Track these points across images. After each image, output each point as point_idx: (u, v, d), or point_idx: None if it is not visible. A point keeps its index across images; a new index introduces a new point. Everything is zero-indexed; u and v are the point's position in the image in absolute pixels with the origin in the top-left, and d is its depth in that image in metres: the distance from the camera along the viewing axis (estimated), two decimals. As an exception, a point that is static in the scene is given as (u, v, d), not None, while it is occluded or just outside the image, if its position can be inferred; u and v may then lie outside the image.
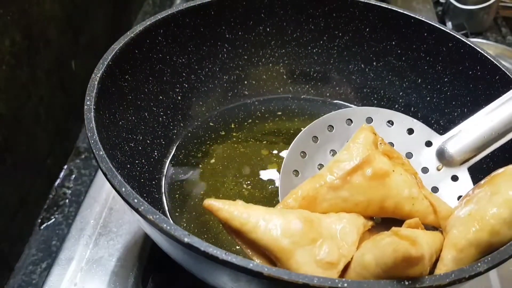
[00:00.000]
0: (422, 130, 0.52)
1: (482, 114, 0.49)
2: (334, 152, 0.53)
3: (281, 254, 0.38)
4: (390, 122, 0.54)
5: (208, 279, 0.41)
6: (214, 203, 0.40)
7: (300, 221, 0.39)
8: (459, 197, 0.46)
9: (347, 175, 0.43)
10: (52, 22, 0.62)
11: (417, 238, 0.34)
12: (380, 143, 0.49)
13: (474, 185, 0.47)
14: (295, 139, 0.51)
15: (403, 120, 0.53)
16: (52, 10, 0.62)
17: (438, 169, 0.49)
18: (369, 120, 0.53)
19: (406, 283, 0.33)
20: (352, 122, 0.53)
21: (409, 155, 0.53)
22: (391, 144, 0.53)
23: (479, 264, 0.35)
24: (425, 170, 0.51)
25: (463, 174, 0.48)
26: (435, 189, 0.50)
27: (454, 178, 0.49)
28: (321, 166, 0.52)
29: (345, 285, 0.32)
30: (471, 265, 0.35)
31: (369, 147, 0.48)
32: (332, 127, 0.53)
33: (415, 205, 0.42)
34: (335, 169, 0.47)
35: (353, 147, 0.48)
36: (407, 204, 0.42)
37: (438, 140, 0.51)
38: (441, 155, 0.49)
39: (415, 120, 0.53)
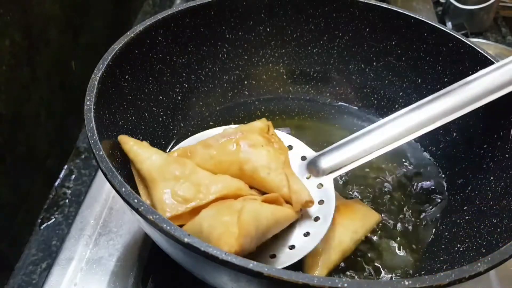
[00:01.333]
0: (300, 147, 0.54)
1: (353, 136, 0.51)
2: None
3: (150, 184, 0.45)
4: None
5: (208, 279, 0.41)
6: (124, 138, 0.47)
7: (175, 161, 0.46)
8: (320, 201, 0.49)
9: (220, 137, 0.50)
10: (52, 22, 0.62)
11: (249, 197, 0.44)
12: (271, 133, 0.52)
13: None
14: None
15: (283, 137, 0.54)
16: (52, 10, 0.62)
17: (307, 178, 0.51)
18: None
19: (406, 283, 0.33)
20: None
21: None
22: None
23: (479, 264, 0.35)
24: None
25: (328, 182, 0.50)
26: None
27: (319, 186, 0.51)
28: None
29: (345, 285, 0.32)
30: (470, 264, 0.35)
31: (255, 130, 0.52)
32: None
33: (270, 174, 0.47)
34: (218, 136, 0.52)
35: (242, 127, 0.52)
36: (262, 171, 0.47)
37: (311, 154, 0.53)
38: (312, 168, 0.51)
39: (294, 138, 0.55)
